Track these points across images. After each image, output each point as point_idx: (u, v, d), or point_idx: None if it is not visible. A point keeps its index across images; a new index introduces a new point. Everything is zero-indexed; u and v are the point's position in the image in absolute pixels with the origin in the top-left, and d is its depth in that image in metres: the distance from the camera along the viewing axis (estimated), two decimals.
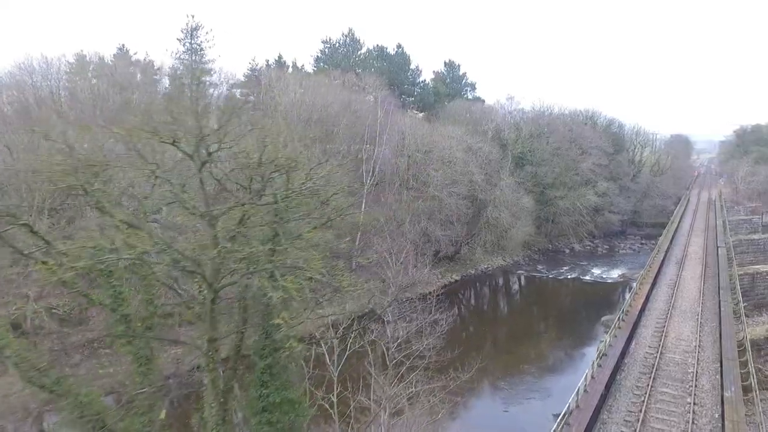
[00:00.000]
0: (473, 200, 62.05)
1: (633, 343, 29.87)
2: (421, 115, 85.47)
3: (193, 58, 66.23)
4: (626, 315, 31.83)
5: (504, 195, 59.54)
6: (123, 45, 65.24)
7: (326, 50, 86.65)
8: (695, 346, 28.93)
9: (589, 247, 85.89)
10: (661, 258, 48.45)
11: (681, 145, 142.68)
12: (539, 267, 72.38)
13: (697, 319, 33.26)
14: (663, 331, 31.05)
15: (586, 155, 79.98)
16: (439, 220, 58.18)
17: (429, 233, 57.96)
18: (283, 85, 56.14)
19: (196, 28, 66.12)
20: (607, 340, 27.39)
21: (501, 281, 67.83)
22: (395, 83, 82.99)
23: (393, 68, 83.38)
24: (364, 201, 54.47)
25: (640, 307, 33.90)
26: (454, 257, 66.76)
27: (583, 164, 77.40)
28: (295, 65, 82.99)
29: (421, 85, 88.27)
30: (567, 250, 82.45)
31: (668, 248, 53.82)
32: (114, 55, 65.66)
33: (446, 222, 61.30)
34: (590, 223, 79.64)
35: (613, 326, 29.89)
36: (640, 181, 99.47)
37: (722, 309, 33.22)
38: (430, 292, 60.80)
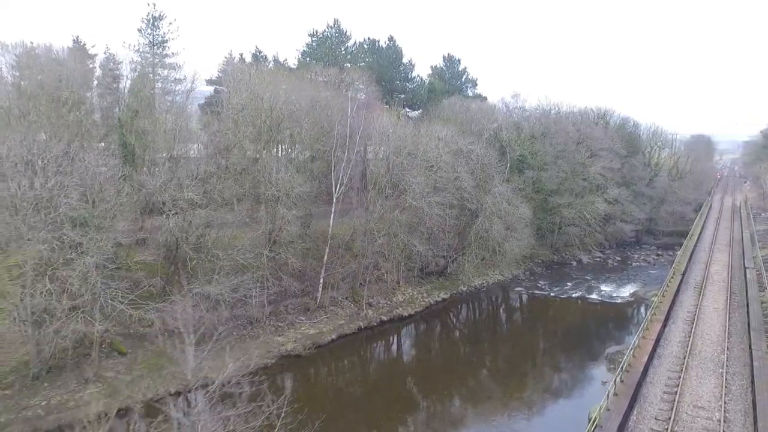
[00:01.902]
0: (462, 210, 54.81)
1: (634, 411, 22.59)
2: (413, 114, 78.44)
3: (155, 50, 59.91)
4: (627, 372, 24.47)
5: (497, 204, 52.16)
6: (77, 37, 59.09)
7: (313, 44, 79.99)
8: (719, 421, 21.56)
9: (599, 259, 77.95)
10: (678, 282, 40.78)
11: (702, 146, 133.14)
12: (541, 283, 64.81)
13: (722, 373, 25.81)
14: (676, 394, 23.69)
15: (595, 158, 72.11)
16: (421, 233, 51.03)
17: (410, 248, 50.85)
18: (239, 81, 49.52)
19: (158, 18, 59.83)
20: (596, 419, 20.11)
21: (495, 301, 60.37)
22: (385, 79, 76.03)
23: (383, 62, 76.34)
24: (333, 211, 47.67)
25: (647, 355, 26.52)
26: (444, 272, 59.63)
27: (591, 168, 69.56)
28: (276, 60, 76.53)
29: (415, 80, 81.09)
30: (574, 263, 74.68)
31: (686, 268, 46.04)
32: (69, 48, 59.55)
33: (429, 235, 54.12)
34: (599, 234, 71.75)
35: (607, 393, 22.56)
36: (657, 186, 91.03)
37: (755, 362, 25.69)
38: (409, 315, 54.15)
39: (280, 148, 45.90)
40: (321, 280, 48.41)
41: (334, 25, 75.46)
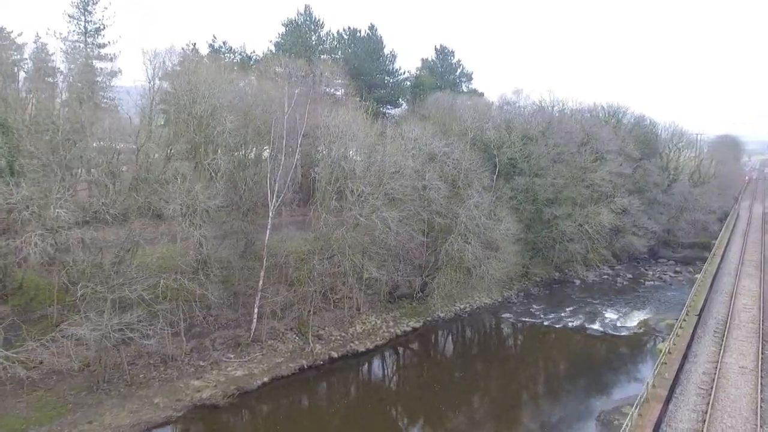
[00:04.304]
0: (431, 225, 46.02)
1: None
2: (394, 111, 69.87)
3: (87, 40, 52.35)
4: None
5: (472, 218, 43.10)
6: None
7: (286, 34, 71.86)
8: None
9: (606, 277, 68.14)
10: (692, 325, 31.38)
11: (728, 147, 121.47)
12: (535, 307, 55.49)
13: None
14: None
15: (601, 161, 62.49)
16: (379, 254, 42.38)
17: (368, 270, 42.19)
18: (171, 73, 41.54)
19: (91, 2, 52.24)
20: None
21: (476, 332, 51.26)
22: (363, 73, 67.51)
23: (360, 53, 67.80)
24: (269, 227, 39.35)
25: None
26: (414, 296, 50.97)
27: (596, 173, 59.94)
28: (242, 52, 68.54)
29: (398, 74, 72.31)
30: (577, 281, 65.07)
31: (705, 303, 36.50)
32: None
33: (397, 253, 45.53)
34: (605, 249, 62.07)
35: None
36: (676, 193, 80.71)
37: None
38: (367, 350, 45.27)
39: (202, 152, 37.54)
40: (256, 309, 40.19)
41: (305, 11, 67.16)
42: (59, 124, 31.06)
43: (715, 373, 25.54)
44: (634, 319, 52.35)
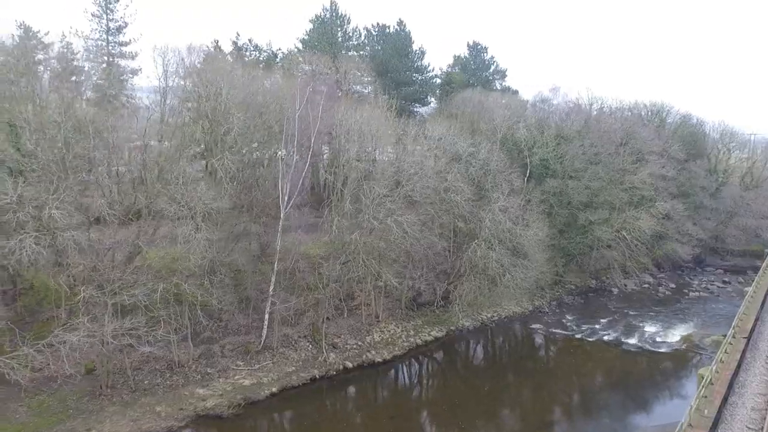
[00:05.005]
0: (455, 230, 43.42)
1: None
2: (422, 110, 67.37)
3: (109, 39, 51.89)
4: None
5: (497, 223, 40.23)
6: (23, 22, 51.71)
7: (313, 32, 70.35)
8: None
9: (647, 286, 63.86)
10: (740, 350, 27.82)
11: None
12: (568, 318, 52.16)
13: None
14: None
15: (642, 163, 58.35)
16: (397, 260, 40.11)
17: (379, 278, 39.88)
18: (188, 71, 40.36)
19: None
20: None
21: (502, 343, 48.31)
22: (390, 70, 65.29)
23: (388, 50, 65.56)
24: (279, 231, 37.60)
25: None
26: (439, 304, 48.44)
27: (636, 176, 55.89)
28: (268, 50, 67.34)
29: (427, 71, 69.67)
30: (614, 290, 61.07)
31: (756, 323, 32.70)
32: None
33: (407, 262, 42.87)
34: (645, 257, 57.91)
35: None
36: (725, 197, 75.21)
37: None
38: (384, 360, 43.07)
39: (215, 151, 36.10)
40: (266, 315, 38.58)
41: (331, 7, 65.38)
42: (61, 122, 30.11)
43: (766, 410, 22.20)
44: (675, 334, 48.48)
